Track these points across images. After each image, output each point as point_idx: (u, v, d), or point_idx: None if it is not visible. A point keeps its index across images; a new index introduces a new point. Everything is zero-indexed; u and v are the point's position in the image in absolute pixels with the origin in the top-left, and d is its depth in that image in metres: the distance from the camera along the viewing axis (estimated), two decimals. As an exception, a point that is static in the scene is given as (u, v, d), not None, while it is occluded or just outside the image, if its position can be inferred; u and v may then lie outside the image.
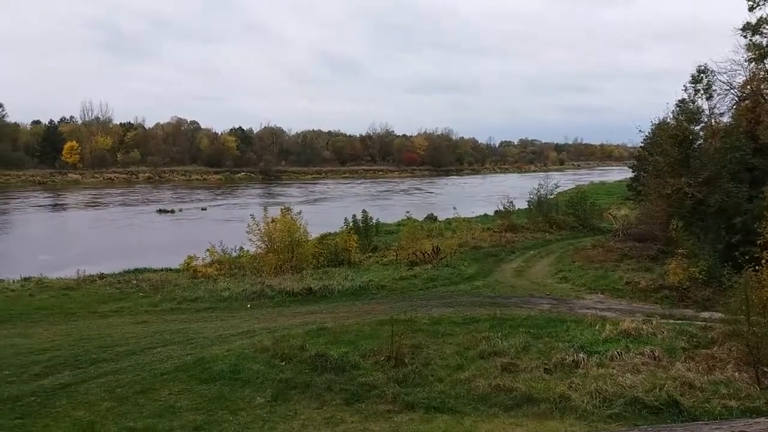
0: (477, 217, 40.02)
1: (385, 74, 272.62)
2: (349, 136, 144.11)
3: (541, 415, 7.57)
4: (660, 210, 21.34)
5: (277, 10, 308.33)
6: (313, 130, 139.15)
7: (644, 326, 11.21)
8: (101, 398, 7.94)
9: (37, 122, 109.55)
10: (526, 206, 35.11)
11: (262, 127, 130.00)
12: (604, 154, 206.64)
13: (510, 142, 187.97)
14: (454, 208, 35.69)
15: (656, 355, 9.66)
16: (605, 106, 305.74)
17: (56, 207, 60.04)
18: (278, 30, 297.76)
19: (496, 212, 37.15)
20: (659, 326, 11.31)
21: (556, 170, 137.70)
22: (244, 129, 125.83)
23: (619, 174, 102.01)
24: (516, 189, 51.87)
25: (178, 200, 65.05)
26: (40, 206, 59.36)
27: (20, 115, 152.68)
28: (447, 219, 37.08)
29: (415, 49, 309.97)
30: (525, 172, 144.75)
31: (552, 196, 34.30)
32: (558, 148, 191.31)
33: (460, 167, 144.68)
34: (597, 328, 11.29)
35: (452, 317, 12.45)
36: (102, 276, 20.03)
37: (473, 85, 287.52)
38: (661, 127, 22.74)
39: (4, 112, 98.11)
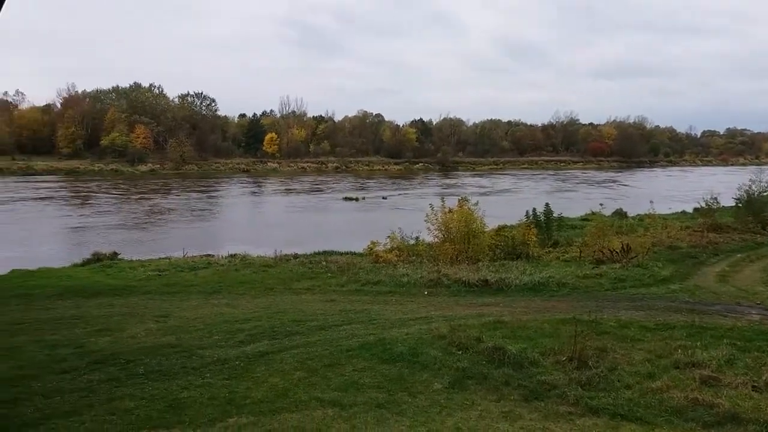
0: (673, 214, 36.58)
1: (569, 59, 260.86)
2: (530, 125, 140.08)
3: (748, 437, 6.67)
4: None
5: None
6: (492, 119, 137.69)
7: None
8: (294, 368, 8.61)
9: (242, 115, 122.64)
10: (733, 204, 31.28)
11: (441, 118, 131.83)
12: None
13: (714, 131, 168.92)
14: (651, 202, 32.93)
15: None
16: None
17: (258, 192, 66.80)
18: (459, 19, 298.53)
19: (696, 209, 33.59)
20: None
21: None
22: (424, 120, 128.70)
23: None
24: (722, 183, 46.45)
25: (362, 189, 68.62)
26: (244, 192, 66.53)
27: (228, 109, 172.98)
28: (638, 215, 34.45)
29: (604, 30, 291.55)
30: (732, 164, 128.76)
31: (766, 193, 30.09)
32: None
33: (654, 159, 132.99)
34: (822, 346, 9.65)
35: (643, 322, 11.48)
36: (296, 256, 21.80)
37: (672, 68, 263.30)
38: None
39: (216, 107, 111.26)
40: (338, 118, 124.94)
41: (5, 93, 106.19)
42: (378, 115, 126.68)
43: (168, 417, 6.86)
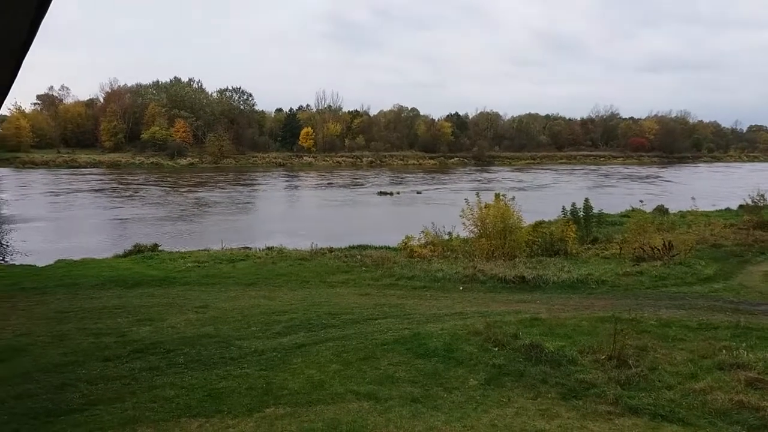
0: (717, 211, 35.56)
1: (611, 53, 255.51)
2: (569, 119, 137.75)
3: (797, 443, 6.44)
4: None
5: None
6: (530, 113, 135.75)
7: None
8: (330, 360, 8.67)
9: (279, 110, 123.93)
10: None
11: (478, 112, 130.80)
12: None
13: (761, 126, 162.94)
14: (693, 198, 32.15)
15: None
16: None
17: (293, 186, 67.46)
18: (495, 11, 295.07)
19: (741, 206, 32.54)
20: None
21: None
22: (460, 114, 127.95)
23: None
24: (769, 180, 44.94)
25: (396, 183, 68.70)
26: (280, 186, 67.26)
27: (265, 103, 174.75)
28: (680, 211, 33.64)
29: (647, 23, 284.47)
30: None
31: (816, 190, 28.99)
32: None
33: (696, 154, 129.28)
34: None
35: (685, 321, 11.18)
36: (331, 249, 21.92)
37: (718, 62, 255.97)
38: None
39: (253, 102, 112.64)
40: (374, 112, 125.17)
41: (51, 88, 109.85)
42: (413, 110, 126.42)
43: (207, 406, 6.99)
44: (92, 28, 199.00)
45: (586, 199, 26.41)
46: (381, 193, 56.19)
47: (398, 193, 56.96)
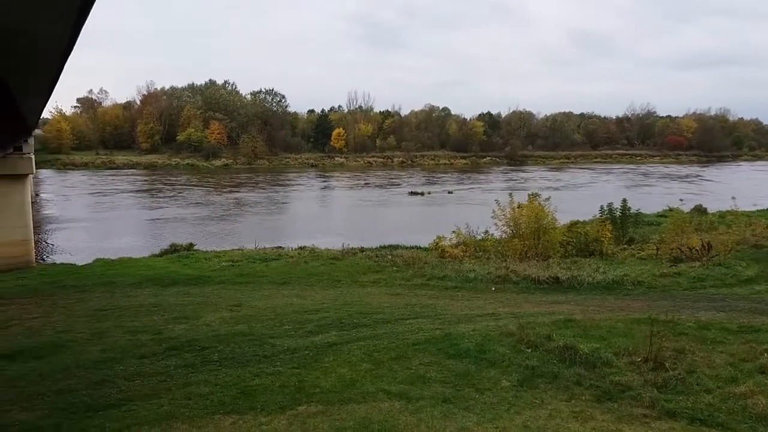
0: (758, 210, 34.50)
1: (646, 50, 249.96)
2: (604, 118, 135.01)
3: None
4: None
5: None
6: (564, 112, 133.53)
7: None
8: (361, 359, 8.69)
9: (311, 111, 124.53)
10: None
11: (510, 111, 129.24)
12: None
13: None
14: (733, 198, 31.26)
15: None
16: None
17: (325, 187, 67.87)
18: (526, 10, 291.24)
19: (785, 206, 31.53)
20: None
21: None
22: (492, 114, 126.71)
23: None
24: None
25: (427, 183, 68.53)
26: (312, 186, 67.77)
27: (297, 104, 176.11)
28: (719, 211, 32.75)
29: (683, 18, 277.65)
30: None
31: None
32: None
33: (737, 152, 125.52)
34: None
35: (724, 323, 10.86)
36: (362, 249, 22.03)
37: (759, 57, 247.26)
38: None
39: (286, 103, 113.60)
40: (404, 112, 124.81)
41: (90, 91, 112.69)
42: (445, 109, 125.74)
43: (240, 403, 7.08)
44: (129, 32, 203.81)
45: (624, 200, 25.94)
46: (412, 193, 56.18)
47: (429, 193, 56.85)
